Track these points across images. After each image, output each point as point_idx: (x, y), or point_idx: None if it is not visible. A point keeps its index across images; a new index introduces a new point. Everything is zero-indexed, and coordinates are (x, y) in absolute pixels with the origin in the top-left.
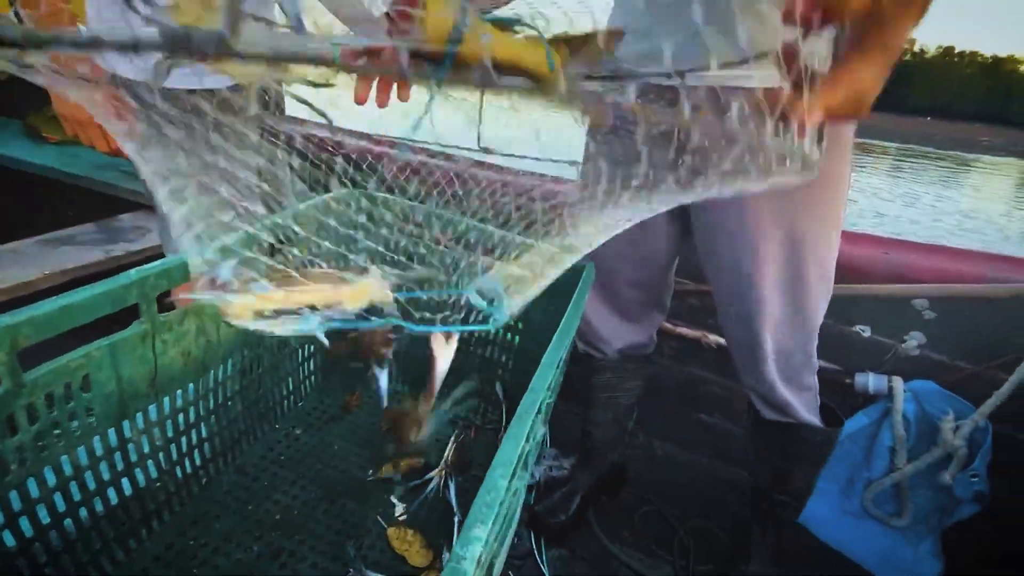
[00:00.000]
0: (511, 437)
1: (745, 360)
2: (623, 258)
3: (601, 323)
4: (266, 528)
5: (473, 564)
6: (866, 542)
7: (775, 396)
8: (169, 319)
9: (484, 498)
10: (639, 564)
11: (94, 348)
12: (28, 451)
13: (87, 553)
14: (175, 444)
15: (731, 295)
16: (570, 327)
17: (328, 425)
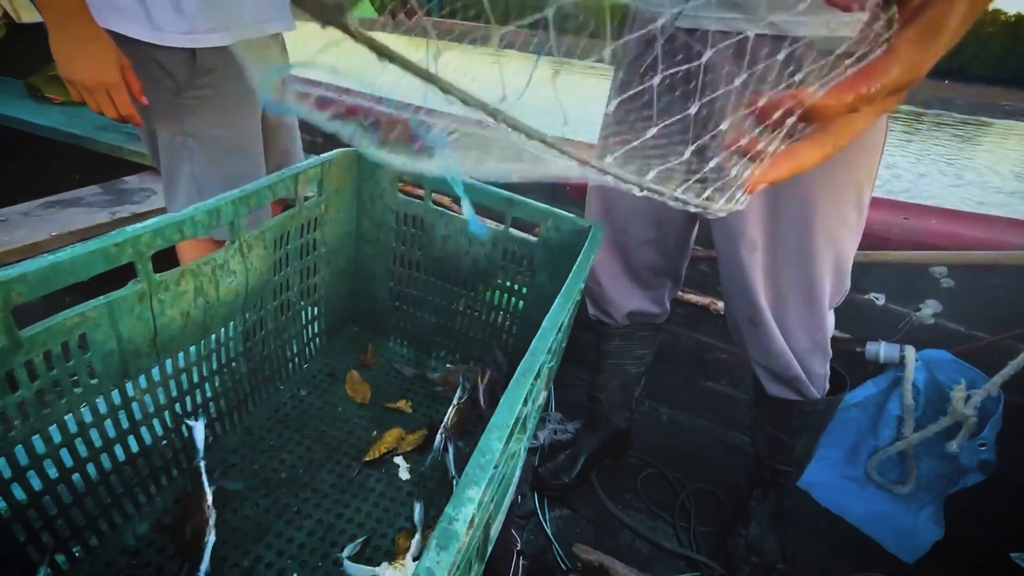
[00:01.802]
0: (508, 400)
1: (750, 335)
2: (638, 215)
3: (612, 285)
4: (272, 486)
5: (465, 525)
6: (867, 507)
7: (781, 374)
8: (166, 279)
9: (478, 460)
10: (640, 525)
11: (90, 307)
12: (31, 408)
13: (97, 507)
14: (180, 404)
15: (736, 266)
16: (573, 289)
17: (333, 387)
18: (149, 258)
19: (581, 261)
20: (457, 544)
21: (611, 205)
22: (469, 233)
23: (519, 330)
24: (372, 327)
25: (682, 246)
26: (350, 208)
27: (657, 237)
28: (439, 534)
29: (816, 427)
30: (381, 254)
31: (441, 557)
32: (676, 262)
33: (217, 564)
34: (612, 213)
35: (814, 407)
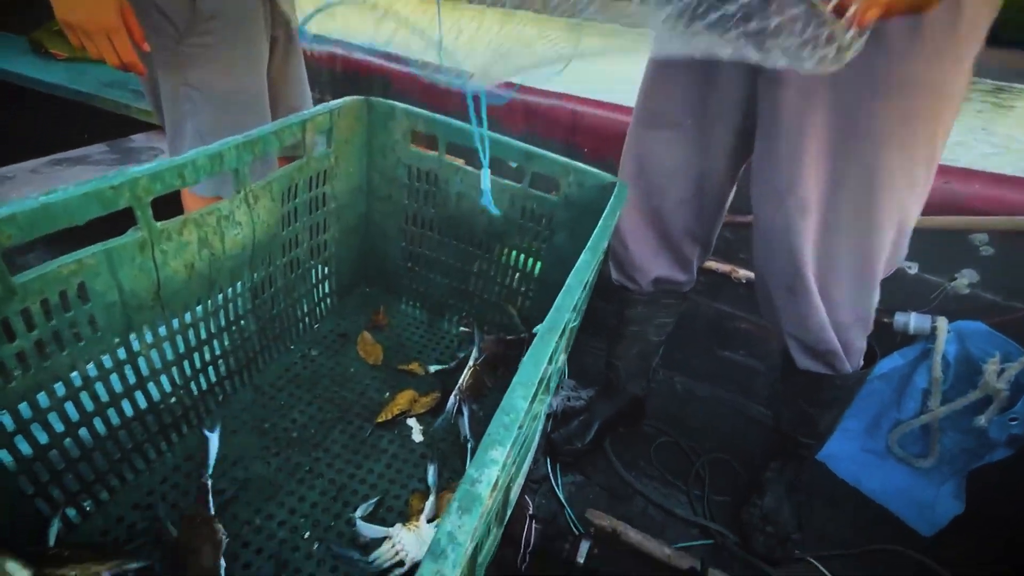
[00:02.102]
0: (532, 358)
1: (786, 305)
2: (678, 173)
3: (640, 250)
4: (283, 445)
5: (488, 487)
6: (885, 480)
7: (816, 347)
8: (167, 227)
9: (502, 419)
10: (654, 492)
11: (87, 255)
12: (31, 359)
13: (106, 462)
14: (188, 360)
15: (780, 229)
16: (599, 245)
17: (345, 348)
18: (149, 205)
19: (607, 217)
20: (480, 508)
21: (647, 163)
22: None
23: (536, 293)
24: (384, 288)
25: (719, 207)
26: (360, 161)
27: (695, 197)
28: (461, 496)
29: (844, 401)
30: (393, 211)
31: (463, 520)
32: (710, 226)
33: (228, 520)
34: (648, 172)
35: (845, 381)
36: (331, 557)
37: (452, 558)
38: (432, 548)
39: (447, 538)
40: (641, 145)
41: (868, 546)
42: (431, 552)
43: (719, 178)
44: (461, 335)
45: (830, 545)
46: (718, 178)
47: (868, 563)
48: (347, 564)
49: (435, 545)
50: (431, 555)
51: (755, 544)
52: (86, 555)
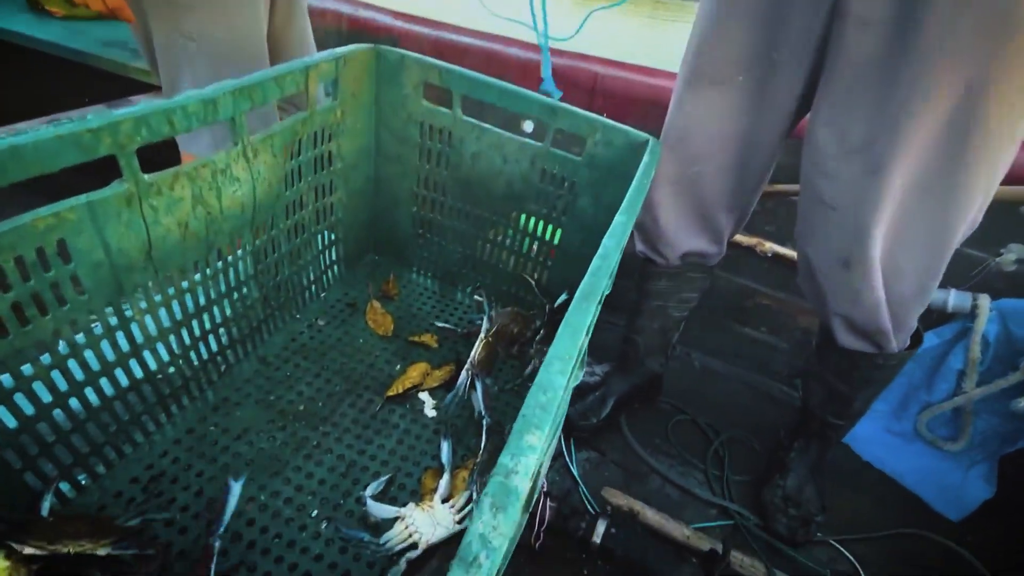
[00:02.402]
0: (569, 328)
1: (837, 279)
2: (724, 137)
3: (672, 222)
4: (289, 418)
5: (527, 479)
6: (912, 463)
7: (865, 325)
8: (157, 181)
9: (538, 398)
10: (671, 471)
11: (66, 207)
12: (10, 324)
13: (102, 433)
14: (186, 328)
15: (843, 192)
16: (634, 206)
17: (353, 318)
18: (134, 154)
19: (641, 176)
20: (518, 504)
21: (692, 128)
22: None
23: (555, 263)
24: (394, 257)
25: (762, 175)
26: (368, 117)
27: (739, 163)
28: (495, 492)
29: (884, 381)
30: (403, 174)
31: (499, 520)
32: (750, 194)
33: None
34: (691, 138)
35: (888, 361)
36: (339, 538)
37: (486, 566)
38: (462, 554)
39: (479, 542)
40: (687, 107)
41: (892, 530)
42: (461, 559)
43: (770, 141)
44: (474, 306)
45: (853, 528)
46: (769, 141)
47: (892, 547)
48: (357, 546)
49: (465, 551)
50: (461, 563)
51: (777, 526)
52: (82, 529)
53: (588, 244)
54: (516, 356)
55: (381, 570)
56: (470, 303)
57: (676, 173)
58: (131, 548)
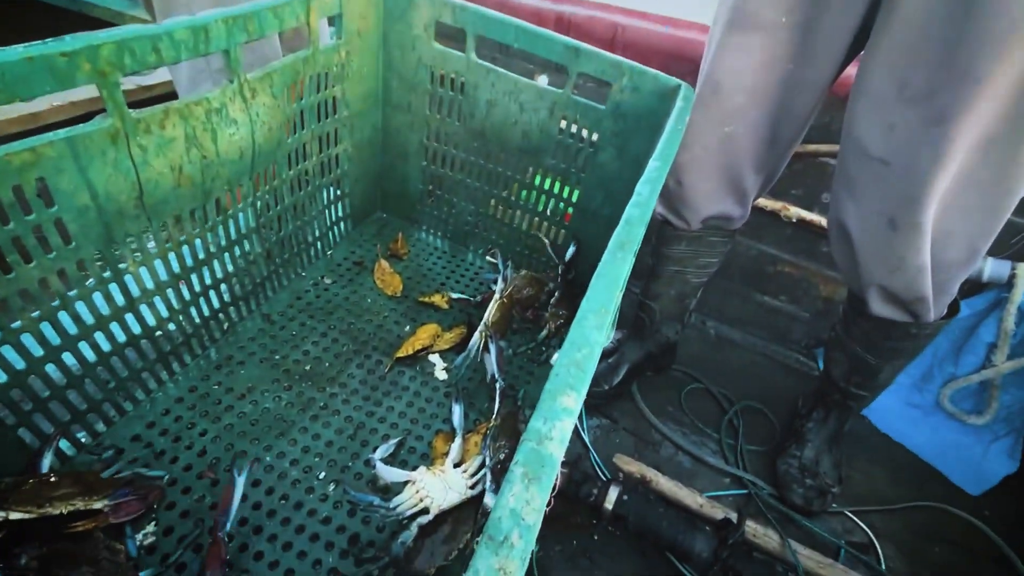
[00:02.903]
0: (604, 279)
1: (879, 243)
2: (761, 89)
3: (697, 184)
4: (295, 378)
5: (562, 445)
6: (932, 436)
7: (903, 293)
8: (145, 117)
9: (573, 356)
10: (683, 439)
11: (44, 142)
12: None
13: (100, 390)
14: (185, 282)
15: (899, 145)
16: (668, 153)
17: (360, 277)
18: (118, 85)
19: (675, 121)
20: (553, 473)
21: (727, 79)
22: (562, 40)
23: (572, 223)
24: (402, 214)
25: (798, 131)
26: (375, 60)
27: (775, 119)
28: (527, 460)
29: (913, 352)
30: (413, 124)
31: (532, 493)
32: (782, 155)
33: (238, 459)
34: (725, 90)
35: (921, 331)
36: (348, 501)
37: (520, 547)
38: (491, 532)
39: (511, 518)
40: (724, 56)
41: (909, 502)
42: (491, 538)
43: (811, 94)
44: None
45: (869, 500)
46: (810, 94)
47: (909, 520)
48: (366, 509)
49: (494, 528)
50: (491, 542)
51: (793, 496)
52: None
53: (609, 203)
54: (530, 320)
55: (391, 534)
56: (482, 264)
57: (706, 133)
58: (128, 496)
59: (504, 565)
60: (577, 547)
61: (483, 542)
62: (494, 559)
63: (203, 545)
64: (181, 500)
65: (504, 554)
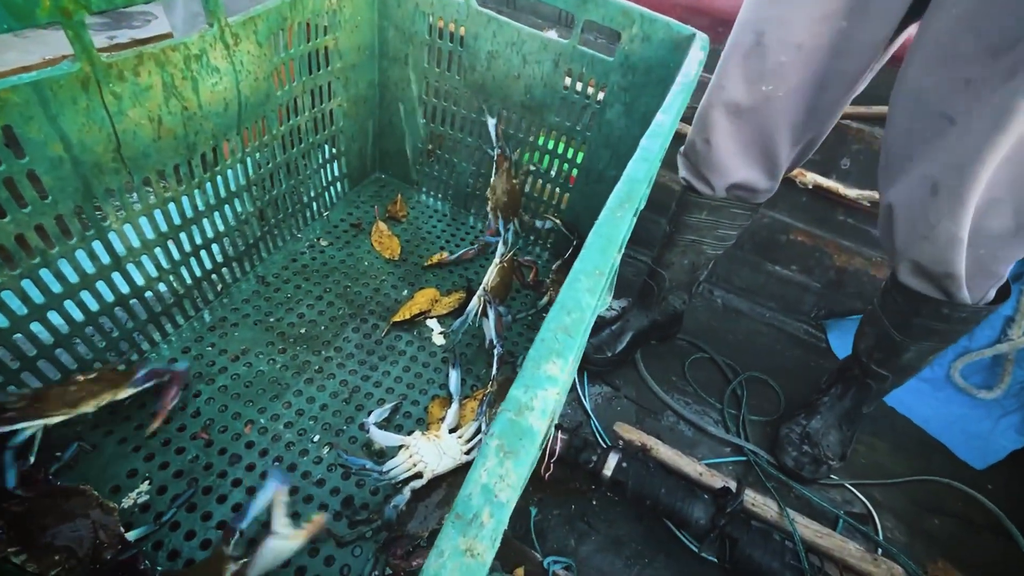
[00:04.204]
0: (600, 237)
1: (916, 206)
2: (809, 49)
3: (726, 144)
4: (290, 341)
5: (545, 417)
6: (939, 409)
7: (939, 264)
8: (116, 62)
9: (561, 320)
10: (685, 408)
11: (6, 87)
12: None
13: (90, 350)
14: (172, 240)
15: (975, 98)
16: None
17: (357, 239)
18: (84, 25)
19: (687, 72)
20: (533, 447)
21: (770, 34)
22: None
23: (576, 185)
24: (401, 176)
25: (843, 97)
26: (370, 7)
27: (821, 82)
28: (503, 432)
29: (945, 337)
30: (411, 79)
31: (507, 468)
32: (824, 121)
33: (231, 420)
34: (769, 46)
35: (954, 312)
36: (340, 465)
37: (490, 527)
38: (459, 509)
39: (483, 495)
40: (774, 4)
41: (911, 476)
42: (459, 516)
43: (862, 57)
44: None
45: (870, 473)
46: (861, 57)
47: (911, 493)
48: (359, 473)
49: (463, 505)
50: (458, 520)
51: (784, 458)
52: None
53: (615, 164)
54: (531, 286)
55: (384, 497)
56: (483, 228)
57: (742, 90)
58: (150, 380)
59: (471, 546)
60: (575, 511)
61: (450, 520)
62: (461, 539)
63: (196, 505)
64: (175, 460)
65: (472, 534)
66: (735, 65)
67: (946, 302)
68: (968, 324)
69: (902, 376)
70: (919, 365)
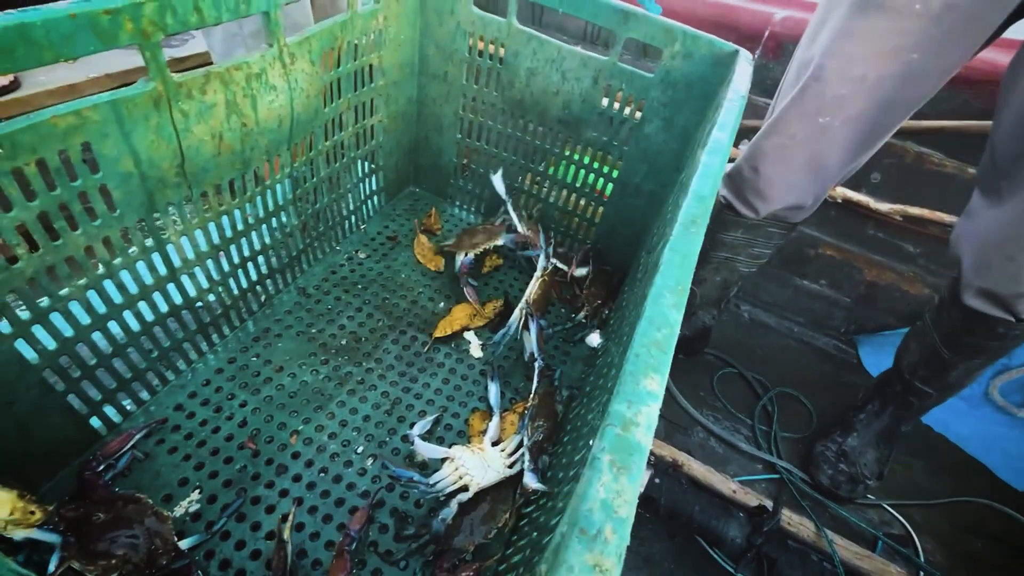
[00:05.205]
0: (678, 254)
1: (1012, 230)
2: (876, 82)
3: (776, 173)
4: (331, 352)
5: (649, 432)
6: (977, 428)
7: (1012, 285)
8: (187, 81)
9: (652, 336)
10: (715, 425)
11: (88, 105)
12: (38, 236)
13: (144, 359)
14: (224, 253)
15: None
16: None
17: (394, 252)
18: (160, 47)
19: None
20: (643, 461)
21: (837, 65)
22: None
23: (612, 197)
24: (435, 190)
25: (903, 119)
26: (412, 26)
27: (877, 112)
28: (614, 447)
29: (995, 354)
30: (448, 95)
31: (623, 484)
32: (877, 143)
33: (277, 431)
34: (832, 80)
35: (1010, 331)
36: (388, 476)
37: (615, 543)
38: (582, 524)
39: (603, 510)
40: (838, 41)
41: (951, 497)
42: (582, 532)
43: (929, 84)
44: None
45: (909, 493)
46: (928, 85)
47: (951, 515)
48: (406, 485)
49: (586, 520)
50: (582, 538)
51: (820, 476)
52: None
53: (652, 178)
54: (567, 300)
55: (428, 510)
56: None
57: (797, 122)
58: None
59: (599, 561)
60: None
61: (574, 535)
62: (588, 555)
63: (245, 515)
64: (224, 470)
65: (599, 549)
66: (793, 98)
67: (1003, 321)
68: (1018, 341)
69: (945, 394)
70: (965, 383)
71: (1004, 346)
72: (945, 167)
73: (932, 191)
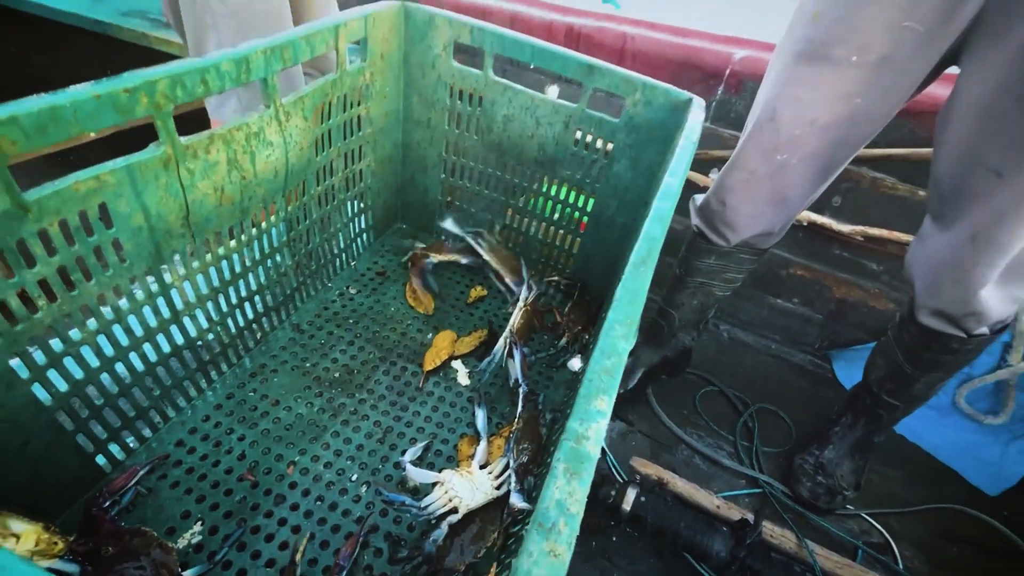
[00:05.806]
0: (628, 292)
1: (954, 254)
2: (826, 124)
3: (742, 206)
4: (325, 385)
5: (598, 443)
6: (948, 436)
7: (962, 307)
8: (193, 144)
9: (603, 364)
10: (698, 442)
11: (106, 170)
12: (56, 288)
13: (147, 398)
14: (223, 294)
15: (1007, 157)
16: (682, 168)
17: (383, 287)
18: (171, 115)
19: (689, 135)
20: (591, 468)
21: (789, 109)
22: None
23: (587, 231)
24: (421, 226)
25: (856, 151)
26: (397, 80)
27: (833, 149)
28: (568, 457)
29: (952, 367)
30: (432, 139)
31: (574, 487)
32: (833, 174)
33: (274, 462)
34: (785, 121)
35: (963, 346)
36: (382, 501)
37: (566, 533)
38: (540, 519)
39: (557, 508)
40: (787, 86)
41: (926, 504)
42: (540, 526)
43: (876, 123)
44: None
45: (886, 502)
46: (875, 124)
47: (927, 522)
48: (399, 509)
49: (543, 516)
50: (540, 530)
51: (800, 489)
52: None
53: (623, 211)
54: (548, 328)
55: (421, 533)
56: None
57: (757, 159)
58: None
59: (553, 548)
60: (596, 548)
61: (534, 530)
62: (545, 543)
63: (246, 544)
64: (224, 501)
65: (553, 539)
66: (752, 138)
67: (955, 337)
68: (972, 355)
69: (912, 405)
70: (928, 394)
71: (959, 360)
72: (898, 190)
73: (889, 212)
